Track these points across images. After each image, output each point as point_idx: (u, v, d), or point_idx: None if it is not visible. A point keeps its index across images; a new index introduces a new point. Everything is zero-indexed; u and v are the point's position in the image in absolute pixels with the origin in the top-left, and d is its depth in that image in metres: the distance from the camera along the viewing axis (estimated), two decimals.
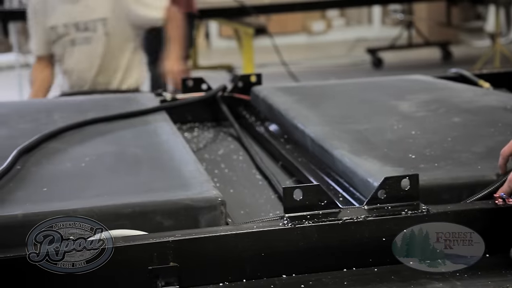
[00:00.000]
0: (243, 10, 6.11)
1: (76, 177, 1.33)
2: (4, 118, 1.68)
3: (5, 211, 1.15)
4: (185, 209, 1.17)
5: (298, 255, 1.10)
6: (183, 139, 1.58)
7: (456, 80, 2.11)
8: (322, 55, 8.59)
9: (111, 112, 1.72)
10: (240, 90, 2.09)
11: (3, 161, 1.34)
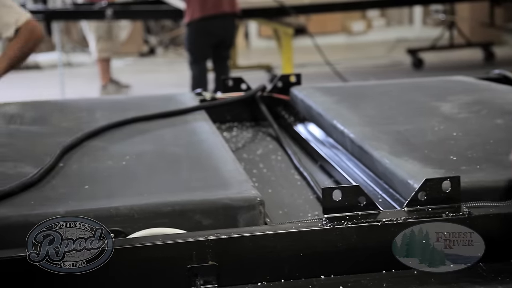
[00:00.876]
0: (283, 10, 6.12)
1: (117, 176, 1.34)
2: (48, 117, 1.71)
3: (48, 208, 1.17)
4: (224, 209, 1.18)
5: (337, 256, 1.10)
6: (222, 139, 1.59)
7: (498, 81, 2.08)
8: (361, 55, 8.54)
9: (151, 111, 1.74)
10: (279, 90, 2.09)
11: (47, 159, 1.37)
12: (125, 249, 1.07)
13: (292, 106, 2.03)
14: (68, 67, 7.79)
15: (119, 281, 1.06)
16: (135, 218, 1.15)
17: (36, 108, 1.80)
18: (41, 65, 8.03)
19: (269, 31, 7.70)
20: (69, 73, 7.43)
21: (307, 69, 6.96)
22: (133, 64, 8.21)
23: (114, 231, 1.14)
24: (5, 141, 1.51)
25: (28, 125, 1.64)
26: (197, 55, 5.60)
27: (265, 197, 1.24)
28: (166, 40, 9.28)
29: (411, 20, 10.00)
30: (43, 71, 7.94)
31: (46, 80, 7.42)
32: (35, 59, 8.10)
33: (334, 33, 9.39)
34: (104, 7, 5.85)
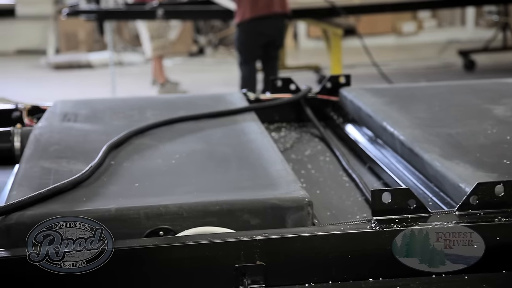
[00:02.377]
0: (333, 10, 6.09)
1: (166, 174, 1.35)
2: (100, 115, 1.74)
3: (99, 204, 1.18)
4: (272, 209, 1.18)
5: (386, 259, 1.09)
6: (270, 139, 1.59)
7: None
8: (411, 56, 8.44)
9: (201, 111, 1.75)
10: (328, 91, 2.08)
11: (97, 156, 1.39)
12: (174, 247, 1.08)
13: (341, 107, 2.02)
14: (119, 66, 7.91)
15: (167, 279, 1.07)
16: (184, 216, 1.16)
17: (89, 106, 1.83)
18: (93, 64, 8.17)
19: (318, 31, 7.67)
20: (120, 72, 7.54)
21: (356, 70, 6.91)
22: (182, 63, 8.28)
23: (163, 229, 1.15)
24: (59, 139, 1.54)
25: (81, 123, 1.67)
26: (247, 55, 5.62)
27: (313, 198, 1.23)
28: (215, 40, 9.34)
29: (463, 21, 9.83)
30: (95, 70, 8.07)
31: (98, 78, 7.54)
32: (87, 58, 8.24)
33: (384, 34, 9.30)
34: (155, 7, 5.91)
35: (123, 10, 6.45)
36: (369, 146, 1.75)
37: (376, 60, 6.18)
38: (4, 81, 7.38)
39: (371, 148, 1.74)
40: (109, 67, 6.91)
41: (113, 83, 6.62)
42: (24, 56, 8.72)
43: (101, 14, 6.21)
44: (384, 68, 6.43)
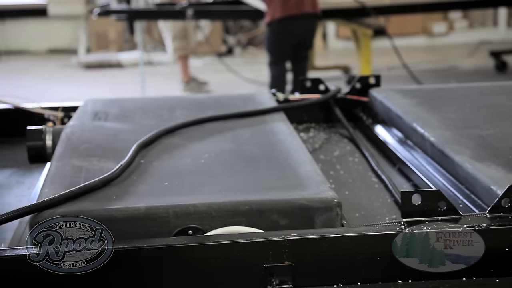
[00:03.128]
0: (363, 11, 6.05)
1: (195, 173, 1.36)
2: (130, 114, 1.75)
3: (129, 203, 1.19)
4: (300, 209, 1.18)
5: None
6: (299, 139, 1.59)
7: None
8: (442, 57, 8.36)
9: (230, 111, 1.76)
10: (358, 91, 2.07)
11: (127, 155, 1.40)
12: (203, 246, 1.08)
13: (371, 108, 2.01)
14: (148, 65, 7.96)
15: (195, 278, 1.08)
16: (213, 215, 1.16)
17: (119, 105, 1.84)
18: (123, 64, 8.24)
19: (347, 32, 7.64)
20: (150, 71, 7.59)
21: (386, 70, 6.87)
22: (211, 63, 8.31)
23: (192, 228, 1.16)
24: (90, 137, 1.55)
25: (111, 122, 1.69)
26: (277, 55, 5.61)
27: (342, 199, 1.23)
28: (244, 40, 9.35)
29: (495, 22, 9.71)
30: (124, 69, 8.13)
31: (128, 77, 7.60)
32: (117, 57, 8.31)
33: (414, 34, 9.23)
34: (185, 7, 5.94)
35: (153, 10, 6.48)
36: (399, 147, 1.74)
37: (406, 61, 6.13)
38: (37, 80, 7.47)
39: (401, 149, 1.73)
40: (139, 67, 6.96)
41: (142, 83, 6.66)
42: (55, 55, 8.83)
43: (132, 14, 6.26)
44: (414, 69, 6.38)
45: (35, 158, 1.64)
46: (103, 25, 8.61)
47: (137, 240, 1.09)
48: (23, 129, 1.67)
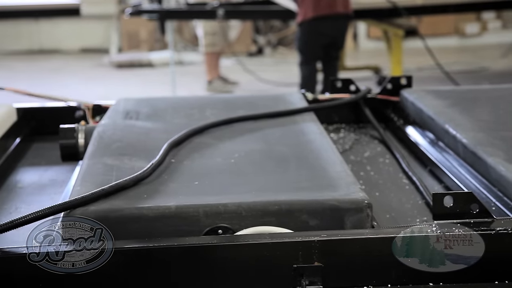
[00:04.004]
0: (395, 11, 6.01)
1: (225, 173, 1.36)
2: (161, 113, 1.76)
3: (160, 201, 1.20)
4: (331, 210, 1.17)
5: None
6: (330, 140, 1.58)
7: None
8: (474, 58, 8.27)
9: (260, 111, 1.76)
10: (389, 92, 2.06)
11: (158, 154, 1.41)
12: (233, 246, 1.08)
13: (402, 109, 1.99)
14: (179, 65, 8.00)
15: (225, 278, 1.08)
16: (242, 215, 1.16)
17: (150, 104, 1.85)
18: (154, 63, 8.29)
19: (378, 32, 7.59)
20: (180, 71, 7.62)
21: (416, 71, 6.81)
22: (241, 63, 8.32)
23: (222, 228, 1.16)
24: (121, 136, 1.57)
25: (143, 121, 1.70)
26: (308, 55, 5.60)
27: (372, 200, 1.22)
28: (274, 40, 9.35)
29: None
30: (155, 69, 8.19)
31: (158, 77, 7.65)
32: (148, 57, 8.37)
33: (446, 35, 9.14)
34: (216, 7, 5.96)
35: (184, 10, 6.52)
36: (430, 149, 1.72)
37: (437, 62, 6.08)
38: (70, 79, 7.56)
39: (432, 150, 1.71)
40: (170, 66, 6.99)
41: (173, 82, 6.70)
42: (87, 54, 8.92)
43: (163, 13, 6.30)
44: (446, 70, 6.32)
45: (67, 156, 1.66)
46: (135, 24, 8.67)
47: (168, 239, 1.10)
48: (57, 127, 1.69)
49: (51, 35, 8.95)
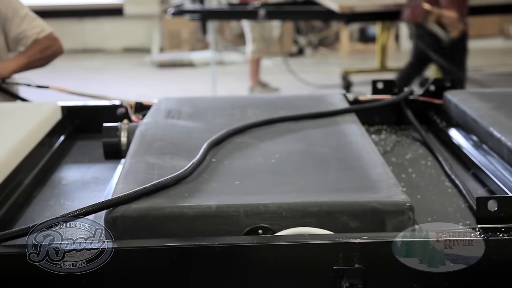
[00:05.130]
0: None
1: (266, 173, 1.36)
2: (202, 112, 1.77)
3: (200, 200, 1.21)
4: (372, 212, 1.16)
5: (490, 269, 1.05)
6: (371, 141, 1.57)
7: None
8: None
9: (301, 111, 1.75)
10: (432, 93, 2.04)
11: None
12: (273, 246, 1.08)
13: (445, 111, 1.97)
14: (220, 65, 8.04)
15: (264, 278, 1.08)
16: (283, 216, 1.16)
17: (192, 104, 1.86)
18: (195, 63, 8.34)
19: None
20: (221, 71, 7.66)
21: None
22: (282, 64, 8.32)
23: (262, 228, 1.16)
24: (163, 135, 1.58)
25: (184, 120, 1.71)
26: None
27: (414, 203, 1.21)
28: (315, 41, 9.33)
29: None
30: (196, 69, 8.24)
31: (199, 77, 7.69)
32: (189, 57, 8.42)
33: (491, 36, 8.99)
34: (257, 7, 5.97)
35: (226, 10, 6.55)
36: (474, 152, 1.70)
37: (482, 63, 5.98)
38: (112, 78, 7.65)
39: (476, 153, 1.68)
40: (210, 66, 7.03)
41: (213, 82, 6.73)
42: (130, 54, 9.01)
43: (205, 14, 6.33)
44: (490, 72, 6.21)
45: (110, 154, 1.68)
46: (177, 24, 8.74)
47: (208, 238, 1.10)
48: (100, 125, 1.71)
49: (95, 34, 9.08)
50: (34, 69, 2.63)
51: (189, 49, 8.88)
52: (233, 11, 6.49)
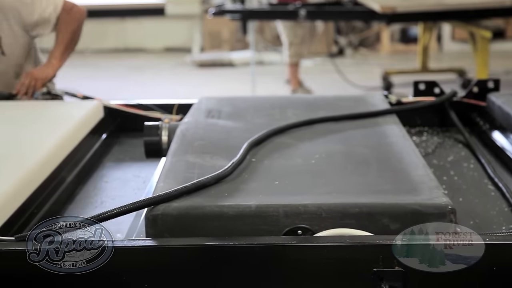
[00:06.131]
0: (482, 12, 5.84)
1: (306, 173, 1.36)
2: (242, 112, 1.78)
3: (240, 200, 1.21)
4: (413, 214, 1.15)
5: None
6: (412, 143, 1.55)
7: None
8: None
9: (341, 112, 1.74)
10: (475, 95, 2.01)
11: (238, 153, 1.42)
12: (312, 246, 1.08)
13: (488, 113, 1.94)
14: (259, 65, 8.04)
15: (304, 278, 1.08)
16: (322, 216, 1.16)
17: (232, 103, 1.87)
18: (235, 63, 8.36)
19: (464, 34, 7.40)
20: (260, 71, 7.66)
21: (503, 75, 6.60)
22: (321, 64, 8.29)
23: (301, 228, 1.16)
24: (203, 134, 1.59)
25: (224, 120, 1.71)
26: None
27: (456, 205, 1.19)
28: (356, 41, 9.27)
29: None
30: (236, 68, 8.26)
31: (239, 76, 7.71)
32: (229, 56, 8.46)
33: None
34: (298, 7, 5.95)
35: (267, 10, 6.54)
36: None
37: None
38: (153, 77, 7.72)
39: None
40: (250, 66, 7.04)
41: (253, 82, 6.74)
42: (171, 53, 9.08)
43: (246, 13, 6.33)
44: None
45: (151, 152, 1.70)
46: (217, 24, 8.77)
47: (248, 238, 1.11)
48: (141, 124, 1.73)
49: (136, 34, 9.16)
50: (74, 48, 2.49)
51: (229, 49, 8.91)
52: (274, 11, 6.48)
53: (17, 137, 1.70)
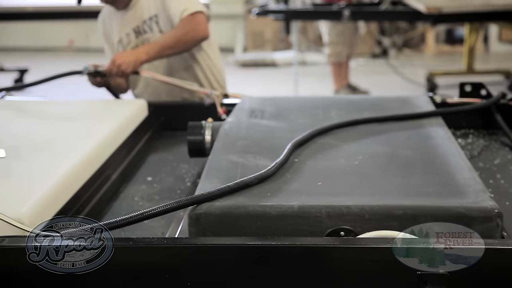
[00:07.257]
0: None
1: (349, 174, 1.35)
2: (285, 112, 1.78)
3: (283, 200, 1.21)
4: (458, 218, 1.14)
5: None
6: (457, 145, 1.53)
7: None
8: None
9: (385, 113, 1.73)
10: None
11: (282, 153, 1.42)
12: (355, 248, 1.07)
13: None
14: (302, 65, 8.03)
15: (346, 279, 1.07)
16: (365, 218, 1.15)
17: (275, 103, 1.87)
18: (277, 63, 8.37)
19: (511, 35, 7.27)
20: (303, 71, 7.65)
21: None
22: (365, 65, 8.24)
23: (344, 229, 1.15)
24: (246, 134, 1.59)
25: (267, 120, 1.72)
26: None
27: (502, 209, 1.17)
28: (399, 42, 9.18)
29: None
30: (278, 68, 8.26)
31: (281, 77, 7.71)
32: (272, 57, 8.46)
33: None
34: (342, 8, 5.93)
35: (310, 10, 6.53)
36: None
37: None
38: None
39: None
40: (293, 66, 7.03)
41: (296, 82, 6.73)
42: None
43: (289, 14, 6.33)
44: None
45: (194, 151, 1.71)
46: (260, 24, 8.79)
47: (290, 238, 1.11)
48: (184, 123, 1.74)
49: None
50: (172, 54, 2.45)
51: (272, 49, 8.91)
52: (317, 11, 6.46)
53: (65, 134, 1.73)
